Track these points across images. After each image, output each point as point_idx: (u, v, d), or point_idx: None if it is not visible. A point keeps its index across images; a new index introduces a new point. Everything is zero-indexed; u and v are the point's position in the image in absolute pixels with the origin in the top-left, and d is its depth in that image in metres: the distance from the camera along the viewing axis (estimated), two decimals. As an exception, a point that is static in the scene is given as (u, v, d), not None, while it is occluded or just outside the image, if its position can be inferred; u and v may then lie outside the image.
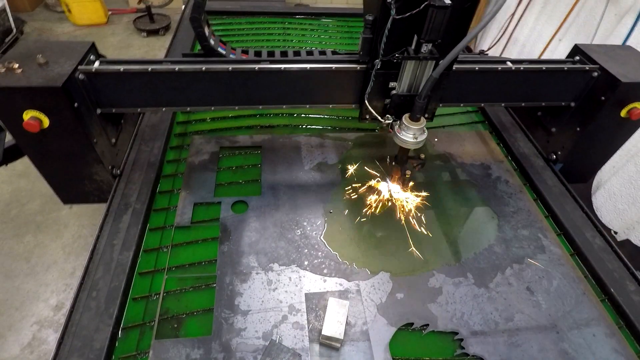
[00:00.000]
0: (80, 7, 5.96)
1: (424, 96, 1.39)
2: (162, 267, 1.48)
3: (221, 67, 1.56)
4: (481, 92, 1.84)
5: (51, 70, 1.41)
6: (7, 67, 1.38)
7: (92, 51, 1.58)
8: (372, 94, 1.57)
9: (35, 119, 1.39)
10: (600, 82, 1.76)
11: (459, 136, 2.20)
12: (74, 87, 1.44)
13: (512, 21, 4.75)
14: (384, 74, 1.50)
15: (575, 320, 1.42)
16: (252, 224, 1.65)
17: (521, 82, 1.80)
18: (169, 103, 1.66)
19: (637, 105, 1.72)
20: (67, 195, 1.78)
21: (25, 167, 3.70)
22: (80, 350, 1.20)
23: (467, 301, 1.46)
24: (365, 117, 1.69)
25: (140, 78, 1.54)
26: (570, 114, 1.91)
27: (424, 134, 1.49)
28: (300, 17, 3.33)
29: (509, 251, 1.64)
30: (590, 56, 1.79)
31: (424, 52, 1.38)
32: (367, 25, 1.39)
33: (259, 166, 1.92)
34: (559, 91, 1.86)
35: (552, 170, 1.99)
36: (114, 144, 1.75)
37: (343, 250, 1.58)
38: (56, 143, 1.52)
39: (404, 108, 1.54)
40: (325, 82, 1.66)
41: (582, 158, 2.01)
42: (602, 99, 1.73)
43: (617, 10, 3.36)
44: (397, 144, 1.52)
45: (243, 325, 1.33)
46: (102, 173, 1.68)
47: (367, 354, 1.29)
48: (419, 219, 1.72)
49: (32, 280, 2.95)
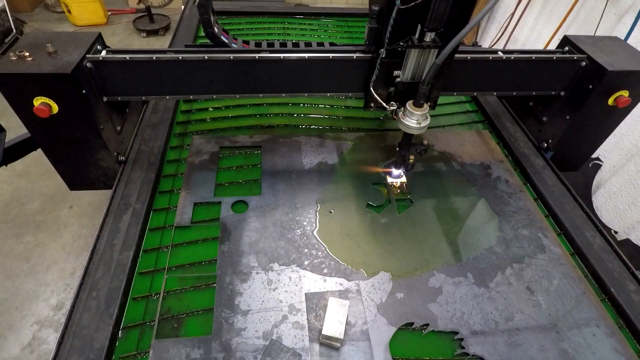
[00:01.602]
0: (80, 7, 5.96)
1: (427, 82, 1.46)
2: (162, 267, 1.48)
3: (223, 56, 1.61)
4: (474, 82, 1.90)
5: (60, 58, 1.47)
6: (19, 55, 1.43)
7: (98, 41, 1.64)
8: (377, 82, 1.64)
9: (45, 105, 1.45)
10: (588, 71, 1.81)
11: (459, 136, 2.20)
12: (82, 75, 1.50)
13: (512, 21, 4.75)
14: (389, 62, 1.57)
15: (575, 320, 1.42)
16: (252, 224, 1.65)
17: (512, 72, 1.86)
18: (173, 91, 1.71)
19: (624, 93, 1.77)
20: (73, 180, 1.83)
21: (25, 167, 3.71)
22: (80, 350, 1.20)
23: (467, 301, 1.46)
24: (370, 105, 1.75)
25: (145, 67, 1.60)
26: (560, 103, 1.97)
27: (427, 119, 1.58)
28: (300, 17, 3.33)
29: (509, 251, 1.64)
30: (579, 46, 1.84)
31: (427, 40, 1.45)
32: (373, 15, 1.45)
33: (259, 166, 1.92)
34: (548, 81, 1.91)
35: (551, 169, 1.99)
36: (119, 131, 1.80)
37: (343, 250, 1.58)
38: (64, 129, 1.58)
39: (407, 95, 1.62)
40: (323, 71, 1.72)
41: (572, 146, 2.07)
42: (590, 88, 1.78)
43: (617, 9, 3.37)
44: (401, 129, 1.61)
45: (243, 325, 1.33)
46: (108, 159, 1.73)
47: (367, 354, 1.29)
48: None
49: (32, 280, 2.95)
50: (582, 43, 1.85)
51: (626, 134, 3.05)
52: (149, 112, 2.10)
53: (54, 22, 6.23)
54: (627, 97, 1.76)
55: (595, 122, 1.92)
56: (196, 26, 3.00)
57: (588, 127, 1.95)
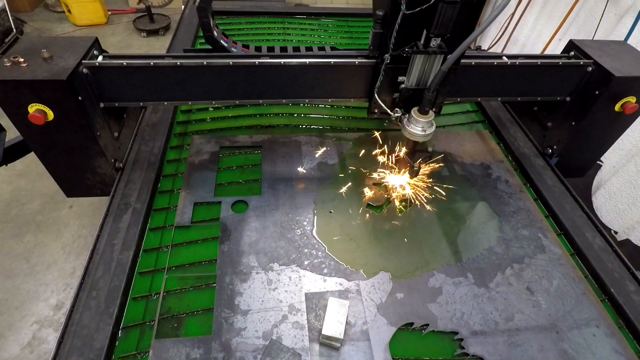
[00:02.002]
0: (80, 7, 5.96)
1: (433, 89, 1.43)
2: (162, 267, 1.48)
3: (222, 62, 1.58)
4: (478, 87, 1.87)
5: (56, 64, 1.44)
6: (13, 61, 1.41)
7: (95, 46, 1.61)
8: (381, 88, 1.61)
9: (40, 112, 1.42)
10: (594, 76, 1.78)
11: (459, 136, 2.20)
12: (78, 81, 1.47)
13: (512, 21, 4.75)
14: (394, 68, 1.54)
15: (575, 320, 1.42)
16: (252, 224, 1.65)
17: (517, 77, 1.83)
18: (171, 97, 1.69)
19: (631, 99, 1.74)
20: (70, 188, 1.81)
21: (25, 167, 3.71)
22: (80, 350, 1.20)
23: (467, 301, 1.46)
24: (374, 111, 1.72)
25: (142, 72, 1.57)
26: (565, 109, 1.94)
27: (432, 127, 1.54)
28: (300, 17, 3.33)
29: (509, 251, 1.64)
30: (585, 51, 1.81)
31: (432, 46, 1.42)
32: (377, 21, 1.42)
33: (259, 166, 1.92)
34: (554, 86, 1.88)
35: (551, 169, 1.99)
36: (116, 137, 1.77)
37: (343, 250, 1.58)
38: (60, 136, 1.55)
39: (412, 102, 1.59)
40: (324, 77, 1.69)
41: (577, 152, 2.04)
42: (597, 94, 1.75)
43: (617, 9, 3.37)
44: (406, 137, 1.57)
45: (243, 325, 1.33)
46: (105, 166, 1.71)
47: (367, 354, 1.29)
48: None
49: (32, 279, 2.95)
50: (588, 48, 1.81)
51: (626, 135, 3.02)
52: (149, 112, 2.10)
53: (54, 22, 6.23)
54: (635, 104, 1.72)
55: (601, 128, 1.89)
56: (196, 26, 3.00)
57: (594, 133, 1.91)
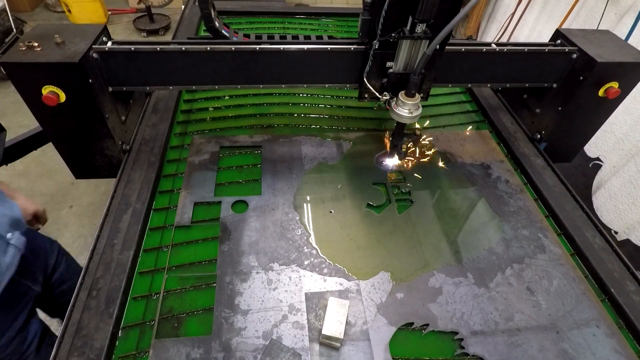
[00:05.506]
0: (80, 7, 5.96)
1: (418, 72, 1.51)
2: (162, 267, 1.48)
3: (225, 47, 1.65)
4: (468, 73, 1.93)
5: (68, 48, 1.52)
6: (28, 45, 1.49)
7: (104, 33, 1.69)
8: (370, 73, 1.69)
9: (53, 93, 1.50)
10: (579, 63, 1.85)
11: (459, 136, 2.20)
12: (89, 65, 1.54)
13: (512, 21, 4.75)
14: (382, 53, 1.61)
15: (575, 320, 1.42)
16: (252, 224, 1.65)
17: (506, 64, 1.90)
18: (176, 82, 1.77)
19: (614, 84, 1.80)
20: (79, 169, 1.89)
21: (25, 167, 3.71)
22: (80, 350, 1.20)
23: (467, 301, 1.46)
24: (364, 95, 1.80)
25: (149, 57, 1.65)
26: (552, 95, 2.01)
27: (419, 109, 1.63)
28: (300, 17, 3.33)
29: (509, 251, 1.64)
30: (570, 39, 1.88)
31: (418, 32, 1.49)
32: (366, 8, 1.50)
33: (259, 166, 1.92)
34: (541, 73, 1.95)
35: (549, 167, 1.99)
36: (123, 121, 1.85)
37: (343, 250, 1.58)
38: (71, 117, 1.62)
39: (400, 86, 1.67)
40: (321, 62, 1.76)
41: (564, 137, 2.11)
42: (581, 79, 1.82)
43: (617, 9, 3.37)
44: (394, 119, 1.66)
45: (243, 325, 1.33)
46: (113, 148, 1.78)
47: (367, 354, 1.29)
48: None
49: (32, 279, 2.94)
50: (573, 36, 1.89)
51: (626, 134, 3.04)
52: (149, 112, 2.11)
53: (54, 22, 6.23)
54: (617, 89, 1.80)
55: (587, 113, 1.97)
56: (196, 25, 3.00)
57: (579, 118, 2.00)
